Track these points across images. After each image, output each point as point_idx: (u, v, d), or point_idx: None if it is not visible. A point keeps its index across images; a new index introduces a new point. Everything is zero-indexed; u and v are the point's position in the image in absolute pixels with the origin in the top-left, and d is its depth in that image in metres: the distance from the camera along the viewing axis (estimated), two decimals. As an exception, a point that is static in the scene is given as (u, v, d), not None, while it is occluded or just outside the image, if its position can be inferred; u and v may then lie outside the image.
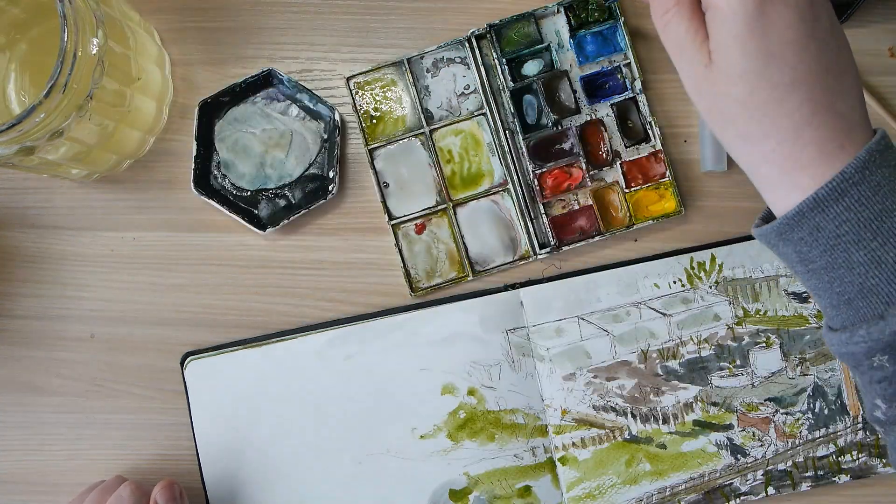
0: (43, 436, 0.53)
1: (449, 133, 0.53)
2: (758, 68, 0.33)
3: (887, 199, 0.33)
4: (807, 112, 0.34)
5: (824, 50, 0.34)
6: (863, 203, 0.33)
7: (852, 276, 0.34)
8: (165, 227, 0.54)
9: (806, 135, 0.34)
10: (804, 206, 0.34)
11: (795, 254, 0.35)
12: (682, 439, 0.52)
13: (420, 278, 0.53)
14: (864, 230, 0.33)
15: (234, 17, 0.54)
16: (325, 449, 0.52)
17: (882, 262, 0.33)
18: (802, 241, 0.34)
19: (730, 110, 0.35)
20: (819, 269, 0.35)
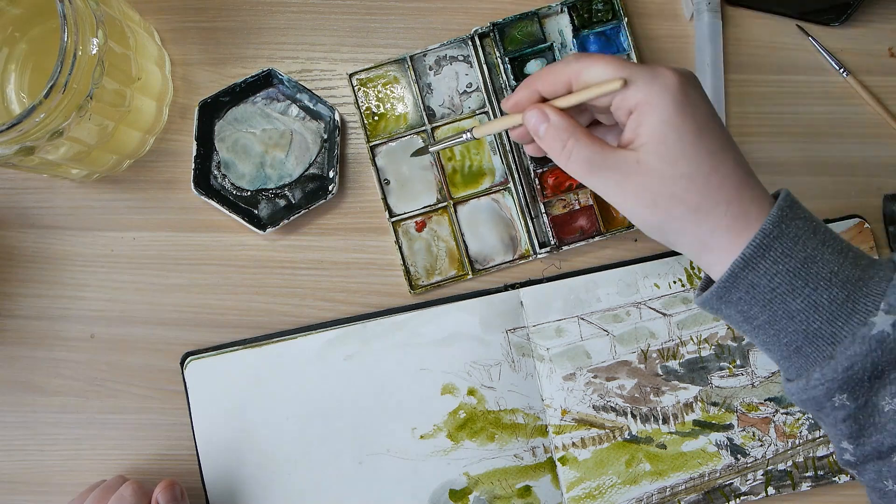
0: (43, 436, 0.53)
1: (451, 131, 0.53)
2: (693, 143, 0.36)
3: (807, 245, 0.35)
4: (741, 175, 0.36)
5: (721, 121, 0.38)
6: (787, 254, 0.35)
7: (795, 324, 0.35)
8: (165, 227, 0.54)
9: (746, 194, 0.36)
10: (735, 267, 0.35)
11: (738, 314, 0.37)
12: (682, 439, 0.52)
13: (420, 276, 0.53)
14: (795, 279, 0.35)
15: (234, 17, 0.54)
16: (326, 449, 0.52)
17: (819, 306, 0.35)
18: (742, 300, 0.36)
19: (676, 189, 0.36)
20: (763, 325, 0.36)
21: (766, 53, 0.55)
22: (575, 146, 0.38)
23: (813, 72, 0.54)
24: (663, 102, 0.36)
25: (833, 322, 0.34)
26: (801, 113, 0.54)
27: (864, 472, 0.38)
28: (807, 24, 0.54)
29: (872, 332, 0.33)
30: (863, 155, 0.54)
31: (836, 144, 0.54)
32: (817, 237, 0.35)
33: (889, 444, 0.35)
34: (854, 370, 0.34)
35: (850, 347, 0.34)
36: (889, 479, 0.36)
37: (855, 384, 0.34)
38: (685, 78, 0.37)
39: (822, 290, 0.34)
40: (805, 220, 0.36)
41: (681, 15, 0.55)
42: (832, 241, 0.36)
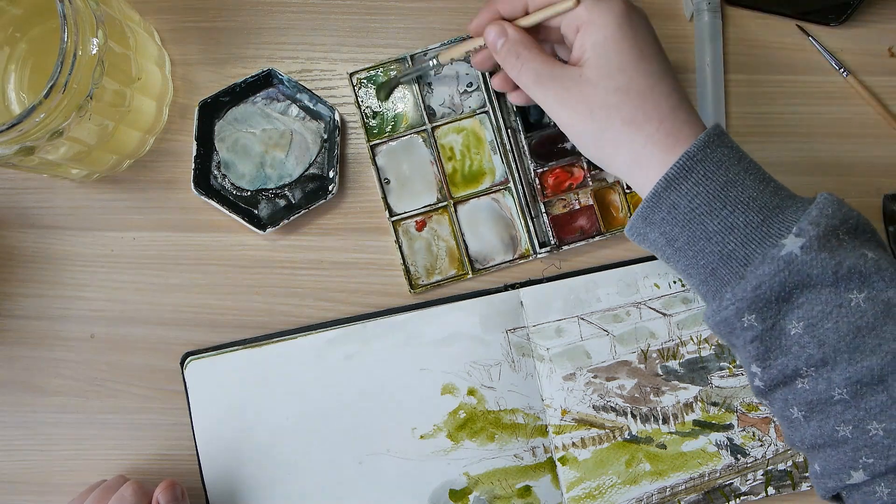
0: (43, 436, 0.53)
1: (451, 130, 0.53)
2: (632, 61, 0.39)
3: (729, 171, 0.37)
4: (676, 97, 0.39)
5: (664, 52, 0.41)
6: (708, 177, 0.37)
7: (711, 245, 0.37)
8: (165, 227, 0.54)
9: (680, 116, 0.39)
10: (658, 187, 0.37)
11: (661, 235, 0.38)
12: (682, 439, 0.52)
13: (420, 275, 0.53)
14: (714, 201, 0.36)
15: (234, 17, 0.54)
16: (325, 449, 0.52)
17: (734, 227, 0.36)
18: (664, 220, 0.38)
19: (611, 100, 0.39)
20: (683, 246, 0.38)
21: (766, 53, 0.55)
22: (527, 58, 0.41)
23: (813, 72, 0.54)
24: (606, 21, 0.39)
25: (747, 244, 0.36)
26: (801, 113, 0.54)
27: (773, 401, 0.39)
28: (807, 24, 0.54)
29: (781, 253, 0.35)
30: (863, 155, 0.54)
31: (836, 144, 0.54)
32: (741, 165, 0.37)
33: (793, 367, 0.36)
34: (762, 290, 0.35)
35: (759, 267, 0.35)
36: (794, 406, 0.37)
37: (763, 304, 0.36)
38: (630, 5, 0.40)
39: (738, 212, 0.36)
40: (731, 150, 0.38)
41: (681, 15, 0.55)
42: (755, 171, 0.38)
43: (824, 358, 0.35)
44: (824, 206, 0.36)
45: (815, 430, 0.37)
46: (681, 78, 0.54)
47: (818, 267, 0.34)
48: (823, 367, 0.36)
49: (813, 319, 0.35)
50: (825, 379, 0.36)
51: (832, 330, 0.35)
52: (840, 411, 0.36)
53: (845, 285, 0.35)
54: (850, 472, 0.36)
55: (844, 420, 0.36)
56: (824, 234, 0.35)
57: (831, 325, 0.35)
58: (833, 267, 0.35)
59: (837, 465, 0.37)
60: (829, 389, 0.36)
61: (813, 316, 0.35)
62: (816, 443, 0.37)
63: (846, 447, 0.36)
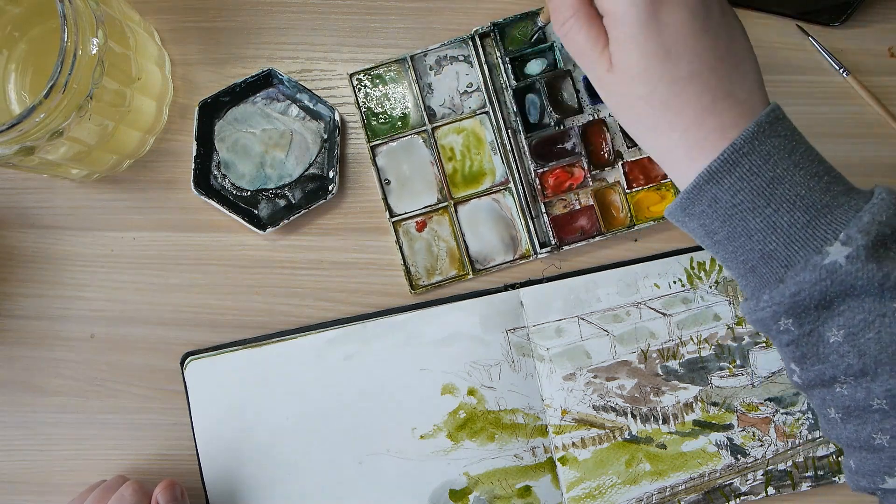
0: (43, 436, 0.53)
1: (451, 131, 0.53)
2: (656, 66, 0.35)
3: (778, 166, 0.34)
4: (707, 101, 0.35)
5: (718, 41, 0.36)
6: (754, 172, 0.34)
7: (752, 243, 0.35)
8: (165, 227, 0.54)
9: (708, 122, 0.35)
10: (700, 180, 0.35)
11: (700, 227, 0.37)
12: (682, 439, 0.52)
13: (420, 276, 0.53)
14: (757, 198, 0.34)
15: (234, 17, 0.54)
16: (325, 449, 0.52)
17: (777, 227, 0.34)
18: (704, 213, 0.36)
19: (635, 107, 0.37)
20: (723, 240, 0.36)
21: (766, 53, 0.54)
22: (573, 27, 0.38)
23: (813, 72, 0.54)
24: (628, 16, 0.35)
25: (789, 245, 0.34)
26: (801, 113, 0.54)
27: (811, 396, 0.38)
28: (807, 24, 0.54)
29: (825, 262, 0.33)
30: (863, 155, 0.54)
31: (836, 144, 0.54)
32: (792, 158, 0.35)
33: (831, 374, 0.35)
34: (801, 297, 0.34)
35: (800, 273, 0.34)
36: (832, 406, 0.37)
37: (801, 311, 0.34)
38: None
39: (783, 211, 0.34)
40: (784, 139, 0.35)
41: (681, 15, 0.55)
42: (808, 163, 0.35)
43: (864, 368, 0.34)
44: (878, 211, 0.33)
45: (852, 433, 0.36)
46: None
47: (863, 278, 0.33)
48: (863, 378, 0.35)
49: (854, 329, 0.34)
50: (864, 388, 0.35)
51: (874, 340, 0.34)
52: (878, 420, 0.35)
53: (891, 295, 0.33)
54: (885, 478, 0.35)
55: (882, 429, 0.35)
56: (873, 244, 0.33)
57: (873, 336, 0.34)
58: (880, 278, 0.33)
59: (872, 469, 0.36)
60: (867, 398, 0.35)
61: (854, 325, 0.34)
62: (853, 444, 0.36)
63: (882, 454, 0.35)
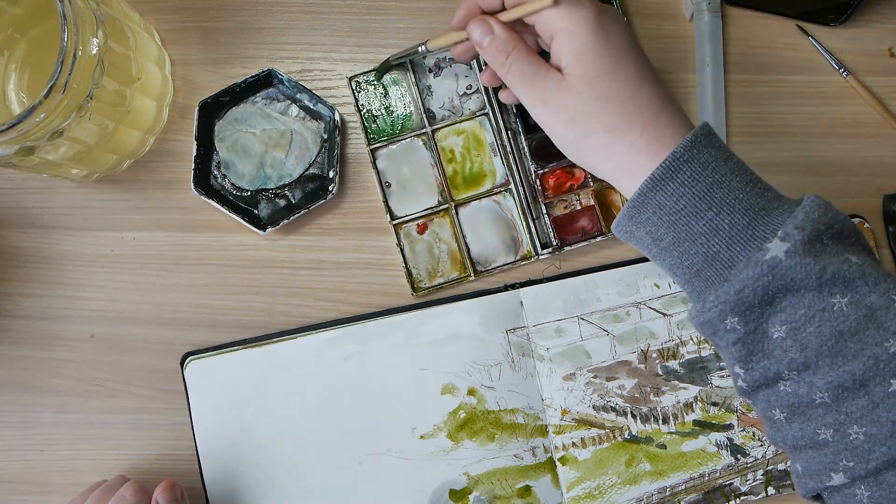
0: (43, 436, 0.53)
1: (451, 133, 0.53)
2: (610, 67, 0.38)
3: (716, 172, 0.37)
4: (658, 102, 0.39)
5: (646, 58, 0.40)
6: (695, 178, 0.36)
7: (696, 246, 0.37)
8: (165, 227, 0.54)
9: (663, 120, 0.38)
10: (644, 188, 0.37)
11: (647, 234, 0.38)
12: (682, 439, 0.52)
13: (422, 278, 0.53)
14: (699, 202, 0.36)
15: (234, 17, 0.54)
16: (326, 449, 0.52)
17: (719, 230, 0.36)
18: (650, 220, 0.38)
19: (592, 108, 0.39)
20: (668, 246, 0.38)
21: (766, 53, 0.55)
22: (515, 58, 0.41)
23: (813, 72, 0.54)
24: (580, 30, 0.38)
25: (731, 246, 0.36)
26: (801, 113, 0.54)
27: (756, 401, 0.39)
28: (807, 24, 0.54)
29: (766, 258, 0.35)
30: (863, 155, 0.54)
31: (836, 144, 0.54)
32: (728, 166, 0.37)
33: (775, 370, 0.36)
34: (745, 293, 0.35)
35: (743, 271, 0.35)
36: (776, 407, 0.37)
37: (746, 308, 0.36)
38: (601, 10, 0.39)
39: (724, 214, 0.36)
40: (718, 150, 0.37)
41: (681, 15, 0.55)
42: (742, 172, 0.37)
43: (806, 362, 0.35)
44: (810, 210, 0.35)
45: (797, 432, 0.37)
46: (681, 78, 0.54)
47: (802, 272, 0.34)
48: (805, 371, 0.36)
49: (796, 323, 0.35)
50: (807, 382, 0.36)
51: (815, 334, 0.35)
52: (821, 414, 0.36)
53: (829, 289, 0.35)
54: (831, 475, 0.36)
55: (826, 423, 0.36)
56: (809, 239, 0.35)
57: (814, 329, 0.35)
58: (817, 272, 0.34)
59: (818, 467, 0.37)
60: (810, 393, 0.36)
61: (796, 320, 0.35)
62: (798, 444, 0.37)
63: (827, 450, 0.36)
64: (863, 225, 0.53)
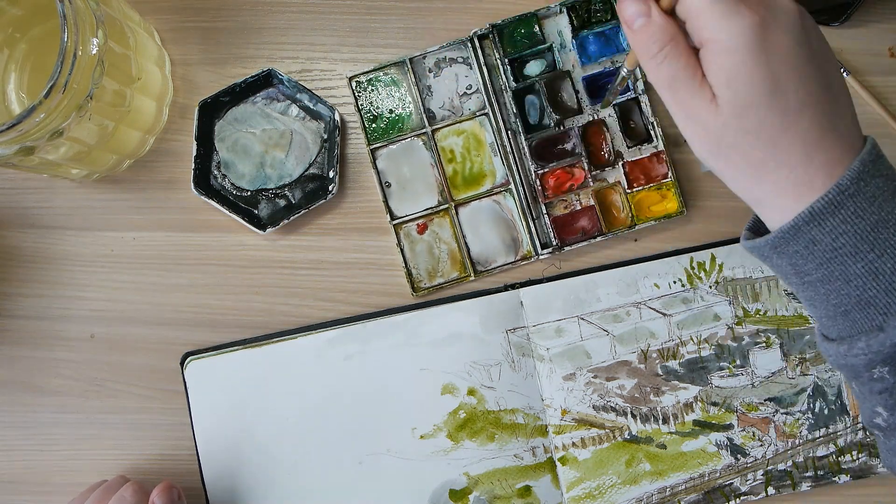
0: (43, 436, 0.53)
1: (451, 133, 0.53)
2: (765, 97, 0.33)
3: (883, 209, 0.33)
4: (815, 136, 0.33)
5: (820, 71, 0.34)
6: (859, 214, 0.33)
7: (849, 288, 0.33)
8: (165, 227, 0.54)
9: (817, 159, 0.33)
10: (800, 220, 0.33)
11: (790, 266, 0.35)
12: (682, 439, 0.52)
13: (422, 278, 0.53)
14: (861, 242, 0.33)
15: (234, 17, 0.54)
16: (325, 449, 0.52)
17: (880, 274, 0.33)
18: (798, 254, 0.34)
19: (741, 143, 0.34)
20: (815, 282, 0.34)
21: (767, 54, 0.54)
22: (671, 55, 0.34)
23: (813, 72, 0.54)
24: (736, 45, 0.32)
25: (891, 293, 0.33)
26: (802, 113, 0.54)
27: (892, 436, 0.36)
28: (807, 25, 0.54)
29: None
30: (863, 155, 0.54)
31: (836, 145, 0.54)
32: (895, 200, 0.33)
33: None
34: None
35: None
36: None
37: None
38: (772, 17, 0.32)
39: (886, 257, 0.32)
40: (887, 179, 0.33)
41: (681, 15, 0.55)
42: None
43: None
44: None
45: None
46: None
47: None
48: None
49: None
50: None
51: None
52: None
53: None
54: None
55: None
56: None
57: None
58: None
59: None
60: None
61: None
62: None
63: None
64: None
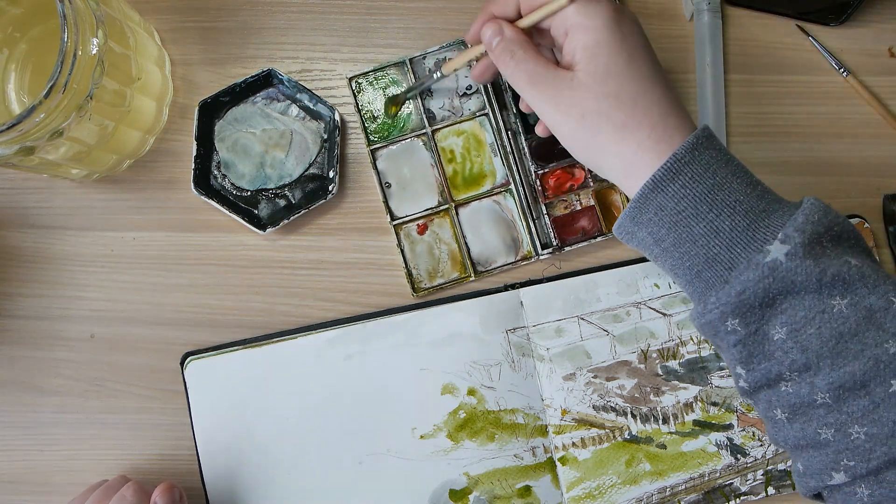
0: (43, 436, 0.53)
1: (451, 133, 0.53)
2: (623, 65, 0.39)
3: (717, 174, 0.37)
4: (667, 103, 0.39)
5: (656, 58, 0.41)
6: (695, 180, 0.37)
7: (696, 248, 0.37)
8: (165, 227, 0.54)
9: (671, 121, 0.38)
10: (646, 188, 0.37)
11: (649, 235, 0.38)
12: (682, 439, 0.52)
13: (422, 279, 0.53)
14: (700, 204, 0.37)
15: (234, 17, 0.54)
16: (325, 449, 0.52)
17: (720, 231, 0.36)
18: (651, 221, 0.38)
19: (603, 105, 0.38)
20: (669, 247, 0.38)
21: (766, 53, 0.55)
22: (521, 57, 0.41)
23: (813, 72, 0.54)
24: (596, 25, 0.38)
25: (731, 248, 0.36)
26: (801, 113, 0.54)
27: (758, 401, 0.39)
28: (807, 24, 0.54)
29: (766, 260, 0.35)
30: (863, 155, 0.54)
31: (836, 144, 0.54)
32: (728, 168, 0.37)
33: (776, 371, 0.37)
34: (746, 295, 0.35)
35: (743, 273, 0.35)
36: (778, 407, 0.38)
37: (747, 310, 0.36)
38: (617, 8, 0.39)
39: (724, 216, 0.36)
40: (719, 151, 0.38)
41: (681, 15, 0.55)
42: (742, 174, 0.37)
43: (807, 363, 0.36)
44: (810, 212, 0.35)
45: (798, 432, 0.37)
46: (681, 78, 0.54)
47: (802, 274, 0.35)
48: (807, 372, 0.36)
49: (796, 325, 0.36)
50: (808, 383, 0.36)
51: (815, 336, 0.35)
52: (822, 415, 0.36)
53: (828, 291, 0.35)
54: (832, 474, 0.36)
55: (827, 423, 0.36)
56: (809, 242, 0.35)
57: (814, 331, 0.35)
58: (817, 274, 0.35)
59: (819, 467, 0.37)
60: (811, 393, 0.36)
61: (796, 321, 0.36)
62: (799, 444, 0.38)
63: (828, 449, 0.36)
64: (863, 225, 0.53)
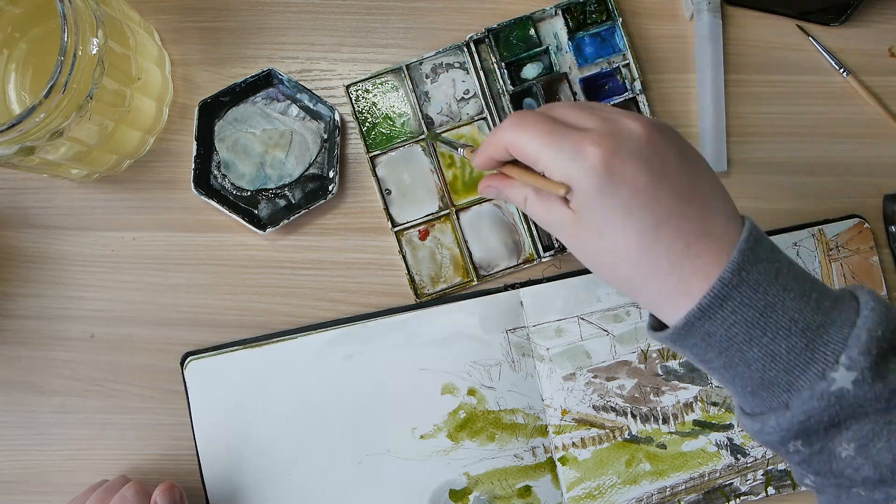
0: (43, 436, 0.53)
1: (453, 138, 0.53)
2: (618, 221, 0.34)
3: (768, 293, 0.33)
4: (680, 248, 0.34)
5: (680, 183, 0.35)
6: (745, 304, 0.33)
7: (751, 371, 0.34)
8: (165, 227, 0.54)
9: (686, 268, 0.34)
10: (691, 317, 0.34)
11: (693, 355, 0.36)
12: (682, 439, 0.52)
13: (425, 284, 0.53)
14: (752, 328, 0.33)
15: (234, 17, 0.54)
16: (325, 449, 0.52)
17: (776, 356, 0.34)
18: (696, 346, 0.35)
19: (606, 260, 0.36)
20: (719, 368, 0.35)
21: (766, 53, 0.55)
22: (532, 203, 0.39)
23: (813, 72, 0.54)
24: (583, 185, 0.35)
25: (790, 371, 0.34)
26: (801, 113, 0.54)
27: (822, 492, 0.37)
28: (807, 24, 0.54)
29: (832, 389, 0.33)
30: (863, 155, 0.54)
31: (836, 144, 0.54)
32: (779, 282, 0.34)
33: (847, 485, 0.35)
34: (810, 423, 0.34)
35: (807, 402, 0.33)
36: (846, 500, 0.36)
37: (810, 433, 0.34)
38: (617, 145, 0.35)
39: (780, 339, 0.33)
40: (768, 263, 0.34)
41: (680, 15, 0.55)
42: (794, 283, 0.34)
43: (882, 478, 0.34)
44: (873, 326, 0.33)
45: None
46: (681, 78, 0.54)
47: (871, 397, 0.33)
48: (882, 485, 0.34)
49: (863, 440, 0.34)
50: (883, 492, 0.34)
51: (885, 448, 0.33)
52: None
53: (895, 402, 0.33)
54: None
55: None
56: (876, 363, 0.32)
57: (884, 445, 0.33)
58: (887, 395, 0.33)
59: None
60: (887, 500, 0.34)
61: (863, 437, 0.34)
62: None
63: None
64: (863, 225, 0.53)
